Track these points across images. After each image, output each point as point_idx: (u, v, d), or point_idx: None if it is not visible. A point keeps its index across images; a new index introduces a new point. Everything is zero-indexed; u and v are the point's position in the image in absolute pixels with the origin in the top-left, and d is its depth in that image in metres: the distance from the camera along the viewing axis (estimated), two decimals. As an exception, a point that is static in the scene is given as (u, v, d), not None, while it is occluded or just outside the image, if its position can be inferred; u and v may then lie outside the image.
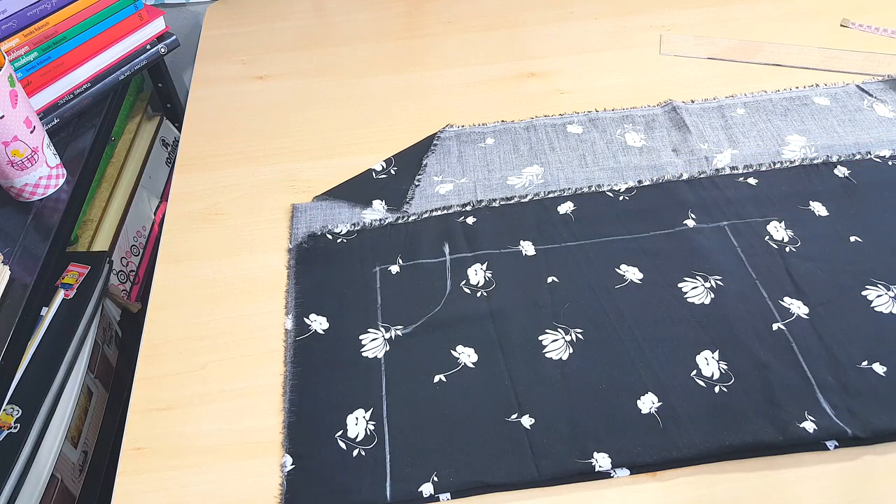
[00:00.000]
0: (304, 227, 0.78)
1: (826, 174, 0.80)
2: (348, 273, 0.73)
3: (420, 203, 0.80)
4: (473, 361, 0.65)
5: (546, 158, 0.84)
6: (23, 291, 0.73)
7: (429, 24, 1.09)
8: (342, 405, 0.63)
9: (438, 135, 0.88)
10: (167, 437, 0.62)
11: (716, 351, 0.65)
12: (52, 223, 0.80)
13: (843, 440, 0.59)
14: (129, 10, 0.96)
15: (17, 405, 0.75)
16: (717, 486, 0.58)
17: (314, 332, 0.68)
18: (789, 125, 0.87)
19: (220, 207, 0.82)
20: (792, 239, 0.74)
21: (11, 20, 0.83)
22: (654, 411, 0.61)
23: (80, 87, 0.94)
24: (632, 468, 0.58)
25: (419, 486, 0.58)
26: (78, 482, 0.84)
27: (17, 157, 0.77)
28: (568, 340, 0.66)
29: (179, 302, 0.72)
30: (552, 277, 0.71)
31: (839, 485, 0.57)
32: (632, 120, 0.89)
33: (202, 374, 0.66)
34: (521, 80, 0.97)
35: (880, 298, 0.68)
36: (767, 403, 0.61)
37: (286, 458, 0.60)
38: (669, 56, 0.99)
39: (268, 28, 1.09)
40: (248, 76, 1.00)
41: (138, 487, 0.59)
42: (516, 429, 0.61)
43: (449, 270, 0.73)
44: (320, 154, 0.87)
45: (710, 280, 0.70)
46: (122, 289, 1.00)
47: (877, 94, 0.90)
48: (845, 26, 1.02)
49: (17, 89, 0.75)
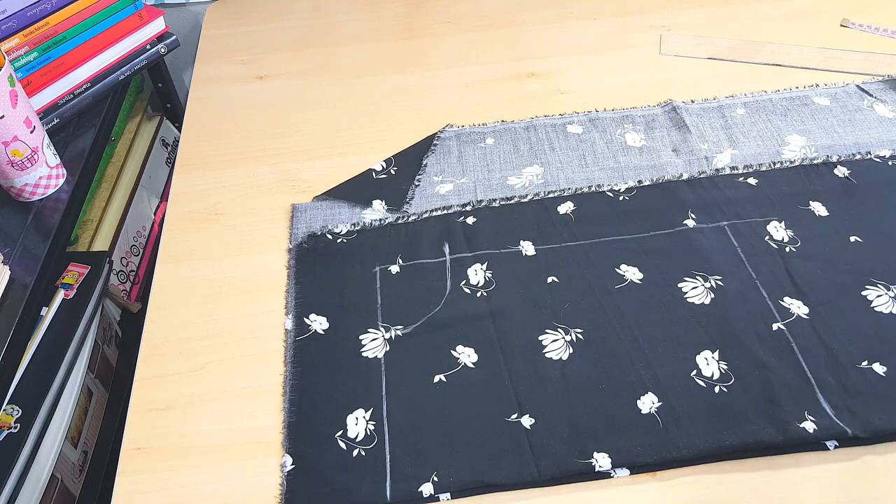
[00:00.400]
0: (304, 227, 0.78)
1: (826, 174, 0.80)
2: (348, 273, 0.73)
3: (420, 203, 0.80)
4: (473, 361, 0.65)
5: (546, 158, 0.84)
6: (23, 291, 0.73)
7: (429, 24, 1.09)
8: (342, 405, 0.63)
9: (438, 135, 0.88)
10: (167, 437, 0.62)
11: (716, 351, 0.65)
12: (52, 223, 0.80)
13: (843, 440, 0.59)
14: (129, 10, 0.96)
15: (17, 405, 0.75)
16: (717, 486, 0.58)
17: (314, 332, 0.68)
18: (789, 125, 0.87)
19: (220, 207, 0.82)
20: (792, 239, 0.74)
21: (11, 20, 0.83)
22: (654, 411, 0.61)
23: (80, 87, 0.94)
24: (632, 468, 0.58)
25: (419, 486, 0.58)
26: (78, 482, 0.84)
27: (17, 157, 0.77)
28: (568, 340, 0.66)
29: (179, 302, 0.72)
30: (552, 277, 0.71)
31: (839, 485, 0.57)
32: (632, 120, 0.89)
33: (202, 374, 0.66)
34: (521, 80, 0.97)
35: (880, 298, 0.68)
36: (767, 403, 0.61)
37: (286, 458, 0.60)
38: (669, 56, 0.99)
39: (268, 28, 1.09)
40: (248, 76, 1.00)
41: (138, 487, 0.59)
42: (516, 429, 0.61)
43: (449, 270, 0.73)
44: (320, 154, 0.87)
45: (711, 280, 0.70)
46: (122, 289, 1.00)
47: (877, 94, 0.90)
48: (845, 26, 1.02)
49: (17, 89, 0.75)
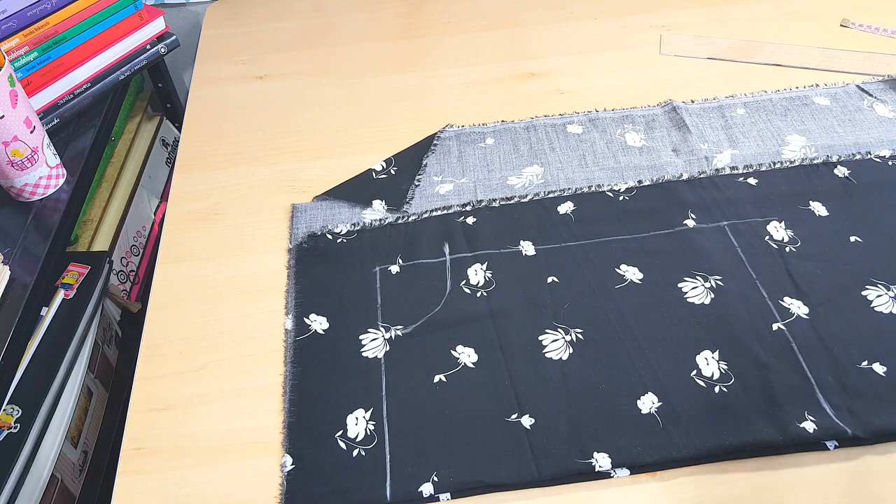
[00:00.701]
0: (304, 227, 0.78)
1: (826, 174, 0.80)
2: (348, 273, 0.73)
3: (420, 203, 0.80)
4: (473, 361, 0.65)
5: (546, 158, 0.84)
6: (23, 291, 0.73)
7: (429, 24, 1.09)
8: (342, 405, 0.63)
9: (438, 135, 0.88)
10: (167, 437, 0.62)
11: (716, 351, 0.65)
12: (52, 223, 0.80)
13: (842, 440, 0.59)
14: (129, 10, 0.96)
15: (17, 405, 0.75)
16: (717, 486, 0.58)
17: (314, 332, 0.68)
18: (789, 125, 0.87)
19: (220, 207, 0.82)
20: (792, 239, 0.74)
21: (11, 20, 0.83)
22: (654, 411, 0.61)
23: (80, 87, 0.93)
24: (632, 468, 0.58)
25: (419, 486, 0.58)
26: (78, 482, 0.84)
27: (17, 157, 0.77)
28: (568, 340, 0.66)
29: (179, 302, 0.72)
30: (552, 277, 0.71)
31: (839, 485, 0.57)
32: (632, 120, 0.89)
33: (202, 374, 0.66)
34: (521, 80, 0.97)
35: (880, 298, 0.68)
36: (767, 403, 0.61)
37: (286, 458, 0.60)
38: (669, 56, 0.99)
39: (268, 28, 1.09)
40: (248, 76, 1.00)
41: (138, 487, 0.59)
42: (516, 429, 0.61)
43: (449, 270, 0.73)
44: (320, 154, 0.87)
45: (711, 280, 0.70)
46: (122, 289, 1.00)
47: (877, 94, 0.90)
48: (845, 26, 1.02)
49: (17, 89, 0.75)
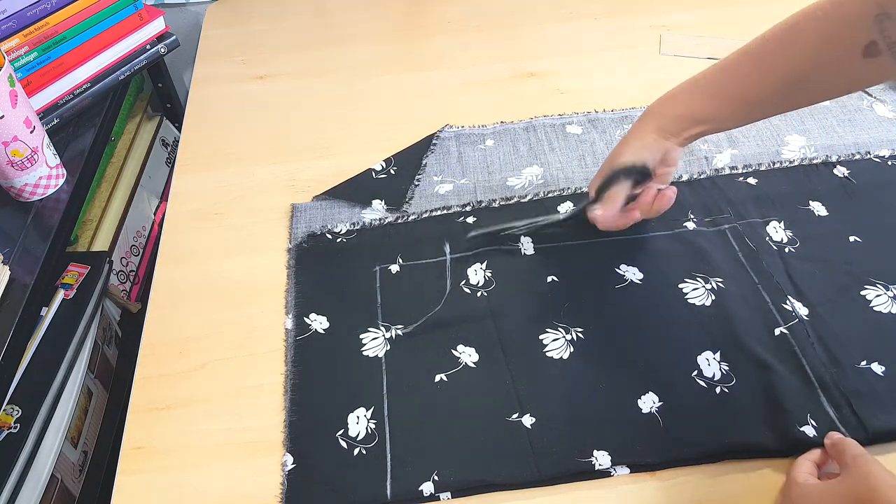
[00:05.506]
0: (303, 226, 0.78)
1: (826, 174, 0.80)
2: (348, 272, 0.73)
3: (420, 203, 0.80)
4: (474, 361, 0.65)
5: (546, 159, 0.84)
6: (23, 291, 0.73)
7: (429, 24, 1.09)
8: (343, 404, 0.63)
9: (437, 135, 0.88)
10: (167, 437, 0.62)
11: (717, 352, 0.65)
12: (52, 223, 0.80)
13: (842, 440, 0.59)
14: (129, 10, 0.96)
15: (17, 405, 0.75)
16: (717, 486, 0.58)
17: (314, 332, 0.68)
18: (789, 125, 0.87)
19: (220, 207, 0.82)
20: (791, 239, 0.74)
21: (11, 20, 0.83)
22: (654, 411, 0.61)
23: (80, 87, 0.94)
24: (632, 467, 0.58)
25: (420, 485, 0.58)
26: (78, 482, 0.84)
27: (17, 157, 0.77)
28: (568, 340, 0.66)
29: (179, 302, 0.72)
30: (552, 277, 0.71)
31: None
32: (631, 120, 0.89)
33: (202, 374, 0.66)
34: (521, 80, 0.97)
35: (879, 298, 0.68)
36: (768, 404, 0.61)
37: (287, 458, 0.60)
38: (669, 56, 0.99)
39: (268, 28, 1.09)
40: (248, 76, 1.00)
41: (138, 487, 0.59)
42: (517, 428, 0.61)
43: (449, 270, 0.73)
44: (320, 154, 0.87)
45: (712, 282, 0.70)
46: (122, 289, 1.00)
47: (877, 94, 0.90)
48: (845, 26, 1.02)
49: (17, 89, 0.75)
